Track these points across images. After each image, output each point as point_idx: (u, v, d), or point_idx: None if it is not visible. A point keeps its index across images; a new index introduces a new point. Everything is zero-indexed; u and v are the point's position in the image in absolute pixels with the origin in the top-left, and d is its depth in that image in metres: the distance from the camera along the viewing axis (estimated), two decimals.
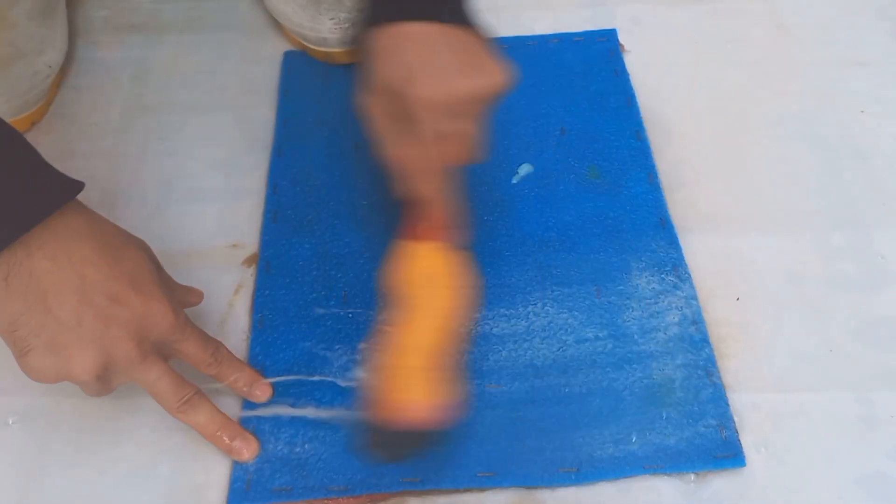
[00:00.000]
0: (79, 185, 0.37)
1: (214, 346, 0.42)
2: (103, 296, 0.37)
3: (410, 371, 0.39)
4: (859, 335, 0.47)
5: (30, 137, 0.58)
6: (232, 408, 0.45)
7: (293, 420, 0.44)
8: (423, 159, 0.40)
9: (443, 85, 0.38)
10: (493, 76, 0.40)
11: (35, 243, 0.35)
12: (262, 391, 0.45)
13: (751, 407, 0.44)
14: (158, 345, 0.39)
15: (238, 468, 0.43)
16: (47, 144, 0.58)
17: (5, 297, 0.35)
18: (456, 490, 0.42)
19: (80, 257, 0.37)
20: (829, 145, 0.55)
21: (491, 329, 0.47)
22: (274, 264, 0.50)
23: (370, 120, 0.41)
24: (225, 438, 0.42)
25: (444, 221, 0.42)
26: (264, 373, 0.46)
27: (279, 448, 0.43)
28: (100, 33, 0.65)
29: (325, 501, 0.42)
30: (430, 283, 0.41)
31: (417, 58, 0.38)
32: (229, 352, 0.43)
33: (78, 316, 0.36)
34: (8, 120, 0.57)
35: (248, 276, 0.51)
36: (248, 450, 0.43)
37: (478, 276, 0.43)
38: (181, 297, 0.44)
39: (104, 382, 0.38)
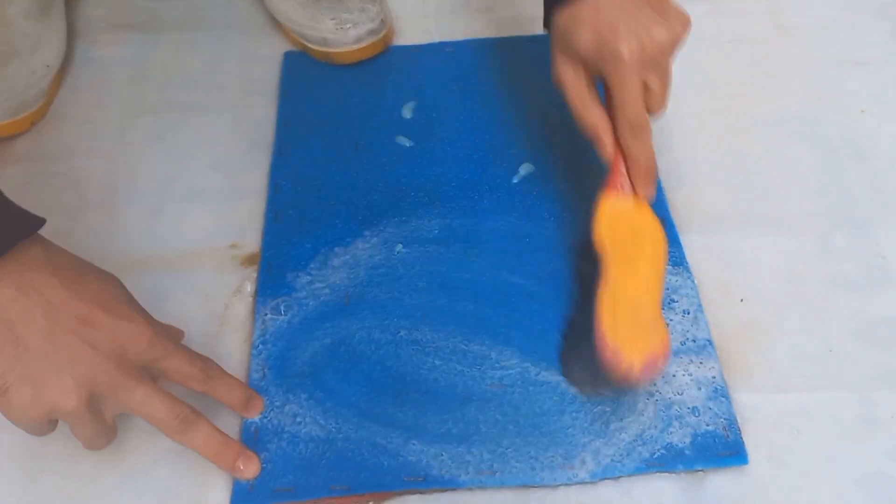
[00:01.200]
0: (39, 221, 0.37)
1: (202, 362, 0.41)
2: (72, 318, 0.36)
3: (634, 324, 0.40)
4: (859, 335, 0.47)
5: (29, 138, 0.59)
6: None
7: (295, 420, 0.44)
8: (630, 114, 0.42)
9: (643, 38, 0.40)
10: (682, 23, 0.42)
11: (3, 278, 0.35)
12: (254, 407, 0.44)
13: (751, 407, 0.44)
14: (140, 365, 0.38)
15: None
16: (47, 144, 0.58)
17: None
18: (457, 489, 0.42)
19: (41, 283, 0.36)
20: (829, 145, 0.55)
21: (494, 328, 0.47)
22: (275, 264, 0.50)
23: (564, 89, 0.44)
24: (227, 458, 0.41)
25: (643, 174, 0.44)
26: (266, 376, 0.46)
27: (281, 448, 0.43)
28: (99, 33, 0.65)
29: (328, 501, 0.42)
30: (633, 236, 0.43)
31: (607, 20, 0.41)
32: (220, 368, 0.42)
33: (50, 341, 0.35)
34: (7, 119, 0.58)
35: (248, 277, 0.51)
36: (249, 468, 0.42)
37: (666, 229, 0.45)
38: (161, 326, 0.41)
39: (95, 413, 0.37)
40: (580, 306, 0.47)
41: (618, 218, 0.44)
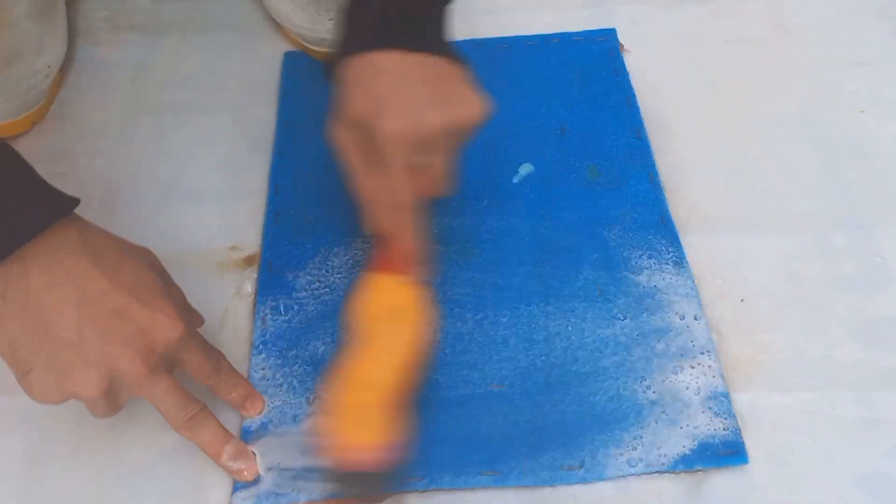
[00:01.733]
0: (74, 201, 0.37)
1: (216, 358, 0.41)
2: (105, 310, 0.36)
3: (361, 409, 0.38)
4: (859, 335, 0.47)
5: (31, 138, 0.59)
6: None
7: (295, 420, 0.44)
8: (390, 193, 0.39)
9: (412, 119, 0.37)
10: (466, 109, 0.39)
11: (31, 259, 0.34)
12: (255, 406, 0.44)
13: (751, 407, 0.44)
14: (164, 357, 0.38)
15: None
16: (47, 144, 0.58)
17: (4, 316, 0.34)
18: (458, 489, 0.42)
19: (79, 272, 0.35)
20: (829, 145, 0.55)
21: (493, 329, 0.47)
22: (276, 264, 0.50)
23: (340, 151, 0.41)
24: (227, 458, 0.41)
25: (409, 255, 0.41)
26: (266, 376, 0.46)
27: (281, 447, 0.43)
28: (100, 33, 0.65)
29: (328, 501, 0.42)
30: (391, 317, 0.41)
31: (388, 90, 0.38)
32: (229, 364, 0.43)
33: (79, 333, 0.35)
34: (9, 120, 0.58)
35: (249, 277, 0.51)
36: (249, 471, 0.42)
37: (436, 313, 0.43)
38: (188, 312, 0.42)
39: (111, 400, 0.37)
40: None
41: (377, 298, 0.41)
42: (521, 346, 0.46)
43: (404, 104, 0.38)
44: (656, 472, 0.42)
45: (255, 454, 0.43)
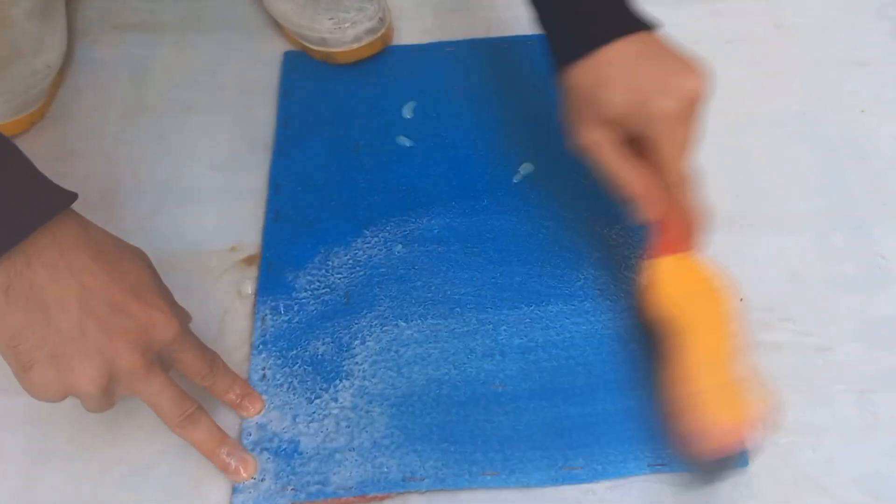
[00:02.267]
0: (73, 196, 0.37)
1: (211, 358, 0.42)
2: (105, 305, 0.36)
3: (712, 392, 0.38)
4: (859, 335, 0.47)
5: (30, 137, 0.58)
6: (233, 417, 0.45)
7: (295, 420, 0.44)
8: (665, 173, 0.40)
9: (676, 93, 0.38)
10: (702, 72, 0.40)
11: (34, 253, 0.35)
12: (253, 405, 0.44)
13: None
14: (160, 354, 0.38)
15: None
16: (47, 144, 0.58)
17: (6, 310, 0.35)
18: (458, 489, 0.42)
19: (79, 266, 0.36)
20: (829, 145, 0.55)
21: (494, 328, 0.47)
22: (276, 264, 0.50)
23: (597, 155, 0.41)
24: (223, 456, 0.41)
25: (693, 228, 0.42)
26: (266, 377, 0.46)
27: (281, 448, 0.43)
28: (99, 33, 0.65)
29: (328, 501, 0.42)
30: (698, 295, 0.41)
31: (637, 76, 0.39)
32: (225, 364, 0.43)
33: (80, 326, 0.35)
34: (8, 120, 0.58)
35: (248, 277, 0.51)
36: (245, 469, 0.42)
37: (730, 277, 0.42)
38: (179, 310, 0.42)
39: (107, 395, 0.37)
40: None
41: (677, 281, 0.41)
42: (521, 346, 0.46)
43: (660, 84, 0.38)
44: (657, 472, 0.42)
45: (251, 454, 0.43)
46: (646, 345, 0.45)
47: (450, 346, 0.47)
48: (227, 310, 0.49)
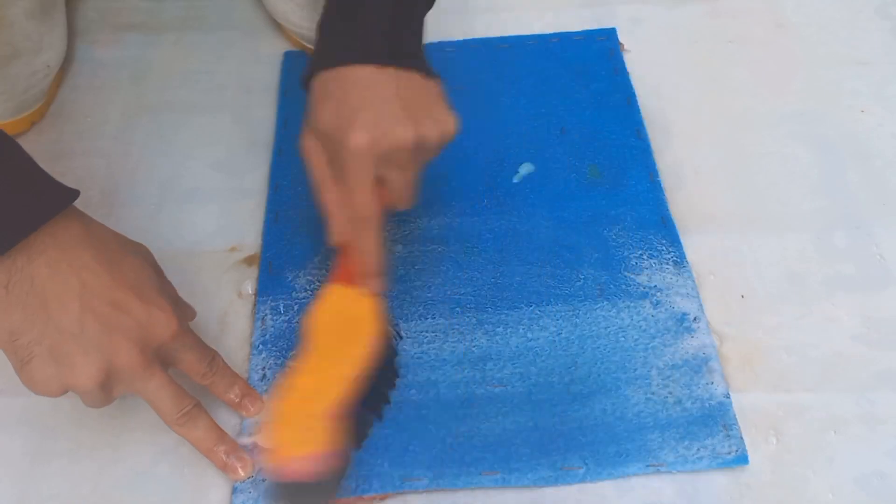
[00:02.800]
0: (75, 193, 0.37)
1: (211, 356, 0.42)
2: (105, 302, 0.36)
3: (300, 419, 0.39)
4: (859, 335, 0.47)
5: (29, 137, 0.59)
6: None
7: None
8: (352, 206, 0.39)
9: (379, 133, 0.37)
10: (435, 125, 0.39)
11: (36, 249, 0.35)
12: (253, 405, 0.44)
13: (751, 407, 0.44)
14: (159, 353, 0.39)
15: None
16: (47, 144, 0.58)
17: (6, 305, 0.35)
18: (458, 489, 0.42)
19: (81, 263, 0.36)
20: (829, 145, 0.55)
21: (493, 329, 0.47)
22: (276, 264, 0.50)
23: (307, 163, 0.41)
24: (221, 455, 0.41)
25: (366, 268, 0.41)
26: (266, 377, 0.46)
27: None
28: (99, 33, 0.65)
29: (331, 502, 0.42)
30: (342, 328, 0.41)
31: (358, 103, 0.38)
32: (224, 363, 0.43)
33: (80, 323, 0.36)
34: (7, 120, 0.58)
35: (249, 277, 0.51)
36: (243, 468, 0.42)
37: (390, 326, 0.43)
38: (181, 307, 0.43)
39: (106, 392, 0.38)
40: None
41: (331, 308, 0.42)
42: (521, 347, 0.46)
43: (372, 118, 0.38)
44: (656, 472, 0.42)
45: (250, 452, 0.42)
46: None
47: (449, 346, 0.47)
48: (228, 310, 0.49)
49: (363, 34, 0.40)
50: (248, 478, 0.42)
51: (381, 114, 0.38)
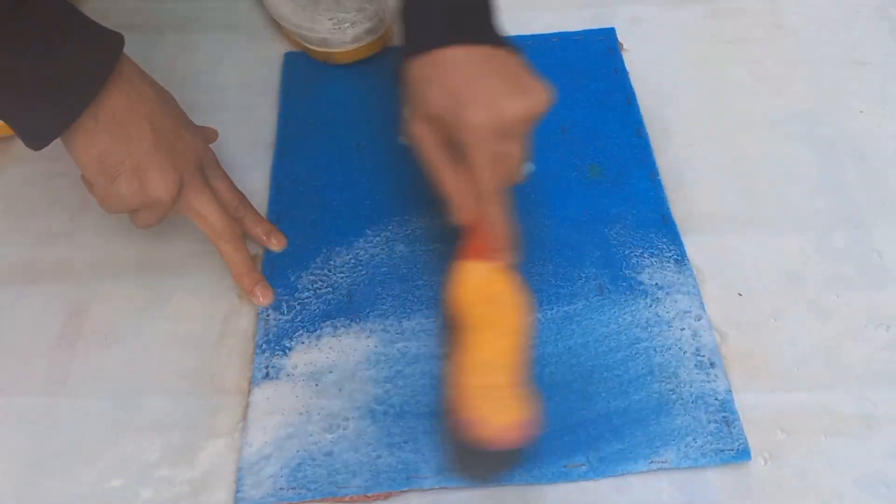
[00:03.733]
0: (121, 35, 0.43)
1: (241, 193, 0.49)
2: (168, 127, 0.43)
3: (493, 390, 0.39)
4: (859, 335, 0.47)
5: None
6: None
7: (298, 420, 0.44)
8: (476, 183, 0.40)
9: (493, 108, 0.38)
10: (537, 96, 0.40)
11: (112, 85, 0.41)
12: (277, 240, 0.50)
13: (751, 406, 0.44)
14: (205, 176, 0.46)
15: (244, 469, 0.43)
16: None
17: (96, 133, 0.41)
18: (462, 488, 0.42)
19: (145, 95, 0.43)
20: (829, 145, 0.56)
21: None
22: (279, 264, 0.50)
23: (420, 148, 0.42)
24: (249, 282, 0.48)
25: (499, 242, 0.42)
26: (269, 375, 0.46)
27: (285, 447, 0.43)
28: None
29: (330, 500, 0.42)
30: (493, 302, 0.42)
31: (464, 83, 0.39)
32: (251, 203, 0.50)
33: (154, 144, 0.42)
34: None
35: None
36: (264, 297, 0.48)
37: (528, 295, 0.43)
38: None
39: (168, 210, 0.44)
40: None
41: (476, 285, 0.42)
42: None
43: (484, 94, 0.39)
44: (658, 469, 0.42)
45: (272, 287, 0.48)
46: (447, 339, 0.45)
47: (448, 346, 0.46)
48: (230, 310, 0.49)
49: (448, 17, 0.41)
50: (267, 304, 0.48)
51: (490, 90, 0.39)
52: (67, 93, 0.40)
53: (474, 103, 0.38)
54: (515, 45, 0.42)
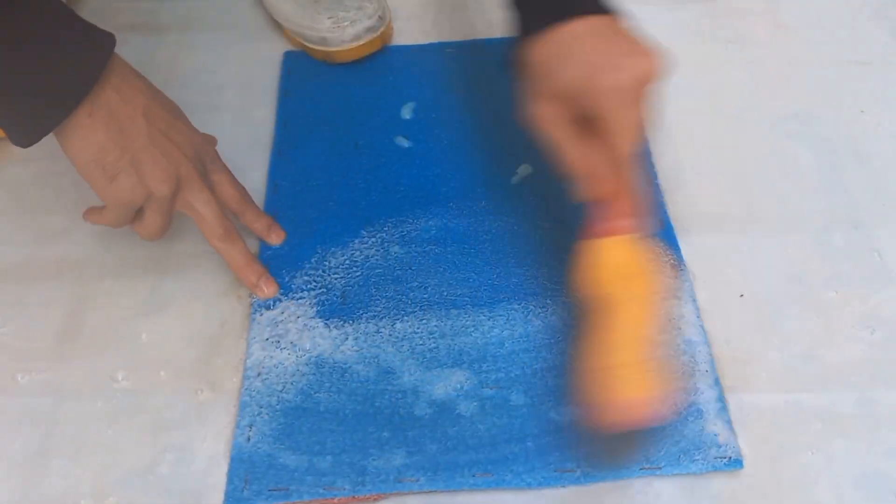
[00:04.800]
0: (112, 34, 0.43)
1: (242, 187, 0.49)
2: (162, 120, 0.44)
3: (626, 368, 0.38)
4: (859, 335, 0.47)
5: None
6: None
7: (292, 421, 0.44)
8: (611, 151, 0.40)
9: (627, 70, 0.38)
10: (657, 57, 0.40)
11: (105, 81, 0.41)
12: (277, 235, 0.51)
13: (750, 407, 0.44)
14: (204, 171, 0.46)
15: (234, 469, 0.43)
16: (47, 144, 0.58)
17: (92, 130, 0.41)
18: (456, 490, 0.42)
19: (137, 89, 0.43)
20: (829, 145, 0.55)
21: (490, 330, 0.47)
22: (274, 264, 0.50)
23: (546, 128, 0.41)
24: (251, 275, 0.48)
25: (634, 211, 0.41)
26: (262, 375, 0.46)
27: (278, 448, 0.43)
28: None
29: (323, 501, 0.42)
30: (625, 277, 0.41)
31: (594, 53, 0.39)
32: (251, 199, 0.50)
33: (149, 138, 0.43)
34: None
35: None
36: (268, 288, 0.48)
37: (670, 258, 0.42)
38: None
39: (171, 205, 0.44)
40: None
41: (611, 261, 0.41)
42: (517, 348, 0.46)
43: (618, 59, 0.39)
44: (650, 475, 0.42)
45: (274, 279, 0.49)
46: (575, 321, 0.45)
47: (444, 347, 0.46)
48: (225, 310, 0.49)
49: None
50: (271, 297, 0.48)
51: (620, 54, 0.39)
52: (62, 88, 0.40)
53: (610, 68, 0.38)
54: (622, 11, 0.42)
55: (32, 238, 0.53)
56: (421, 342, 0.47)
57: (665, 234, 0.50)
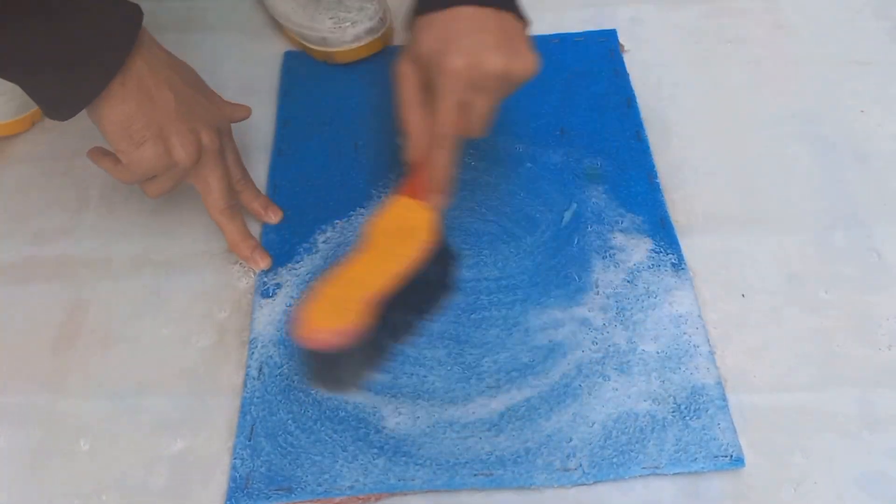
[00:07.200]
0: (138, 5, 0.44)
1: (244, 167, 0.51)
2: (188, 93, 0.45)
3: (335, 300, 0.39)
4: (859, 334, 0.47)
5: (31, 136, 0.59)
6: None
7: (293, 419, 0.44)
8: (435, 124, 0.42)
9: (473, 58, 0.40)
10: (523, 61, 0.42)
11: (137, 54, 0.43)
12: (275, 213, 0.52)
13: (751, 407, 0.44)
14: (220, 147, 0.47)
15: (236, 468, 0.43)
16: (48, 143, 0.58)
17: (124, 98, 0.42)
18: (457, 490, 0.42)
19: (165, 61, 0.45)
20: (829, 145, 0.55)
21: (490, 330, 0.47)
22: (274, 263, 0.50)
23: (399, 83, 0.44)
24: (246, 249, 0.49)
25: (435, 183, 0.43)
26: (262, 375, 0.46)
27: (279, 448, 0.43)
28: None
29: (324, 501, 0.42)
30: (395, 233, 0.42)
31: (455, 32, 0.41)
32: (252, 181, 0.52)
33: (176, 108, 0.44)
34: (10, 119, 0.58)
35: (246, 276, 0.51)
36: (262, 261, 0.50)
37: (444, 239, 0.44)
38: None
39: (186, 175, 0.46)
40: None
41: (391, 214, 0.43)
42: (518, 348, 0.46)
43: (469, 46, 0.41)
44: (653, 474, 0.42)
45: (268, 253, 0.50)
46: None
47: (444, 346, 0.46)
48: (226, 309, 0.49)
49: None
50: (265, 268, 0.49)
51: (477, 43, 0.41)
52: (97, 61, 0.41)
53: (458, 51, 0.40)
54: (524, 14, 0.44)
55: (32, 238, 0.53)
56: (420, 341, 0.47)
57: (665, 234, 0.50)
